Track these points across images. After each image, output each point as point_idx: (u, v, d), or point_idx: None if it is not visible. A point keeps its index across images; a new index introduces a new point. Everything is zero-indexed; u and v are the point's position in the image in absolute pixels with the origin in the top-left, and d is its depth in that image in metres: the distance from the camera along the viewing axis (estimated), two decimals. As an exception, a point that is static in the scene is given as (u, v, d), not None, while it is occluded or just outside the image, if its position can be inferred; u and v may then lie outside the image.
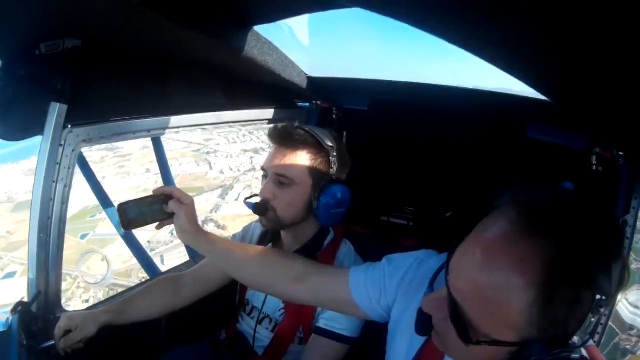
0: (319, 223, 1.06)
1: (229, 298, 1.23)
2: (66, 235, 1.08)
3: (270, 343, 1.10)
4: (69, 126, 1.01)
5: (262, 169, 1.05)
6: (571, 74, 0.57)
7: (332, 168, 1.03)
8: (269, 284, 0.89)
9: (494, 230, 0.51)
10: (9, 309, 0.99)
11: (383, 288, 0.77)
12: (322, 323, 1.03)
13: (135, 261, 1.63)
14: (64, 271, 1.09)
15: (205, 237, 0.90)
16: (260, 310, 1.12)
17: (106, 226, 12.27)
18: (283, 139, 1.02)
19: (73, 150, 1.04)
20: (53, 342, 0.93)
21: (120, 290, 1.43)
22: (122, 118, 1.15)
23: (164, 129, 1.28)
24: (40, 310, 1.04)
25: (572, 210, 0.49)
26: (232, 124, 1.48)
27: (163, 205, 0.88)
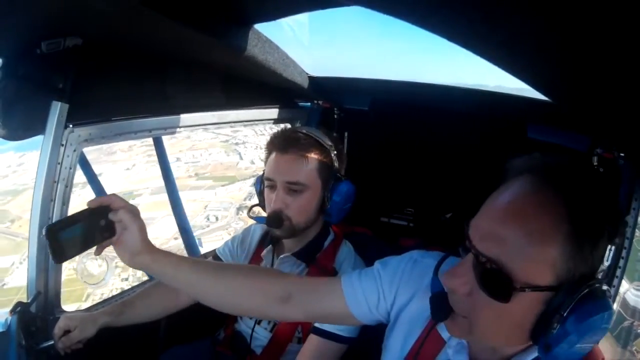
0: (331, 221, 1.09)
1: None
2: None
3: (268, 343, 1.09)
4: (70, 126, 1.01)
5: (268, 178, 1.03)
6: (572, 73, 0.57)
7: (335, 166, 1.05)
8: (253, 309, 0.81)
9: (514, 188, 0.54)
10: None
11: (381, 293, 0.75)
12: (319, 323, 1.02)
13: (172, 242, 1.65)
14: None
15: (167, 259, 0.73)
16: (260, 311, 1.11)
17: (140, 210, 12.57)
18: (288, 145, 1.01)
19: (74, 150, 1.03)
20: (52, 342, 0.93)
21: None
22: (124, 117, 1.15)
23: (165, 128, 1.28)
24: (40, 310, 1.03)
25: (582, 165, 0.55)
26: (232, 124, 1.48)
27: (102, 221, 0.69)
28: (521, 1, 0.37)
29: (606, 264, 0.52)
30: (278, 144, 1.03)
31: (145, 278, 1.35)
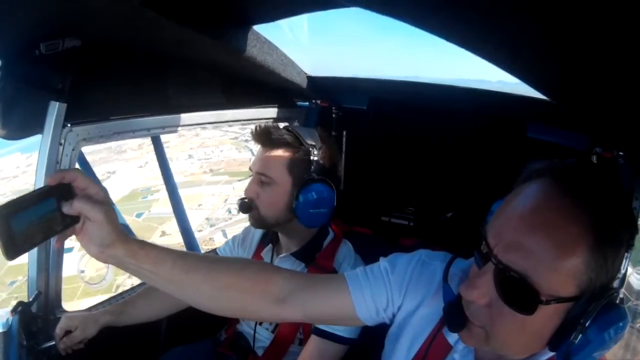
0: (300, 223, 1.04)
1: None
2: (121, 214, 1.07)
3: (270, 344, 1.10)
4: (69, 125, 1.01)
5: (249, 168, 1.07)
6: (571, 73, 0.57)
7: (312, 167, 1.02)
8: (247, 310, 0.73)
9: (535, 193, 0.52)
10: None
11: (390, 296, 0.72)
12: (318, 323, 1.02)
13: (198, 234, 1.66)
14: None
15: (144, 251, 0.60)
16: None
17: (161, 205, 12.82)
18: (263, 138, 1.04)
19: (73, 149, 1.03)
20: (53, 343, 0.93)
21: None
22: (122, 117, 1.15)
23: (164, 127, 1.27)
24: (40, 310, 1.04)
25: (599, 171, 0.54)
26: (231, 123, 1.48)
27: (63, 203, 0.55)
28: (520, 2, 0.37)
29: (622, 271, 0.51)
30: (255, 137, 1.06)
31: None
